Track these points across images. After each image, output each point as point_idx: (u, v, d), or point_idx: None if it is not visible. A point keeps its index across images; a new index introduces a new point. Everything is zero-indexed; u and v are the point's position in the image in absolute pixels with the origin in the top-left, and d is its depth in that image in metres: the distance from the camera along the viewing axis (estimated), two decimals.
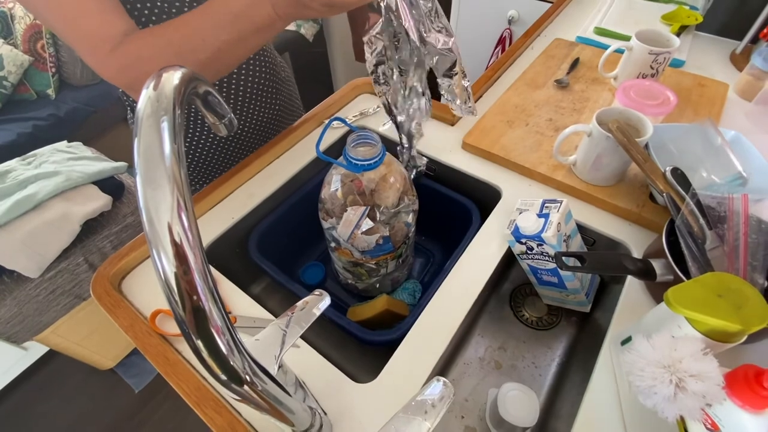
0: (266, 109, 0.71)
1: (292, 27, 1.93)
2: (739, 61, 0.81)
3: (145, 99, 0.19)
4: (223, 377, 0.20)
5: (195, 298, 0.18)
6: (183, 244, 0.17)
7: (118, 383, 1.31)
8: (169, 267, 0.17)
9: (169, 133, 0.19)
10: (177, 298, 0.17)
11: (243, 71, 0.64)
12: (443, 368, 0.55)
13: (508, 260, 0.57)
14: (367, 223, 0.49)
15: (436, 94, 0.49)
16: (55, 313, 1.05)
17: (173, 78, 0.20)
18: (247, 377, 0.21)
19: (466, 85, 0.47)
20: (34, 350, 1.27)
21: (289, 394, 0.27)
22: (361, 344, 0.57)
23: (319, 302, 0.34)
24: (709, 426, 0.30)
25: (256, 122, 0.70)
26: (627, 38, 0.69)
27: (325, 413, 0.38)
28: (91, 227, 1.04)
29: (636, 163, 0.47)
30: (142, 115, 0.19)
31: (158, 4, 0.52)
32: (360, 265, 0.55)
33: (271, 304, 0.65)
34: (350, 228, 0.49)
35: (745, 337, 0.30)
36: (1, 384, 1.26)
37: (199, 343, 0.18)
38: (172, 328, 0.46)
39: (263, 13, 0.39)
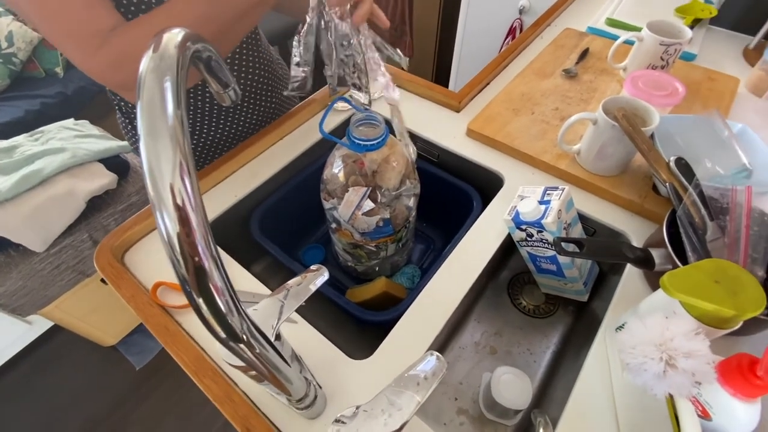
0: (262, 105, 0.69)
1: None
2: (752, 56, 0.79)
3: (147, 60, 0.20)
4: (222, 335, 0.20)
5: (196, 258, 0.18)
6: (186, 205, 0.18)
7: (119, 360, 1.33)
8: (172, 227, 0.17)
9: (172, 94, 0.19)
10: (179, 257, 0.18)
11: (237, 67, 0.62)
12: (439, 350, 0.55)
13: (508, 248, 0.57)
14: (368, 204, 0.49)
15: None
16: (60, 288, 1.07)
17: (175, 38, 0.20)
18: (245, 336, 0.21)
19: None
20: (39, 325, 1.30)
21: (287, 362, 0.28)
22: (359, 324, 0.57)
23: (318, 277, 0.35)
24: (699, 413, 0.30)
25: (252, 119, 0.69)
26: (639, 30, 0.67)
27: (320, 387, 0.39)
28: (96, 205, 1.05)
29: (640, 151, 0.47)
30: (144, 75, 0.19)
31: None
32: (360, 247, 0.56)
33: (272, 284, 0.65)
34: (351, 208, 0.49)
35: (739, 324, 0.30)
36: (6, 357, 1.29)
37: (200, 301, 0.19)
38: (172, 300, 0.47)
39: None
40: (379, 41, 0.51)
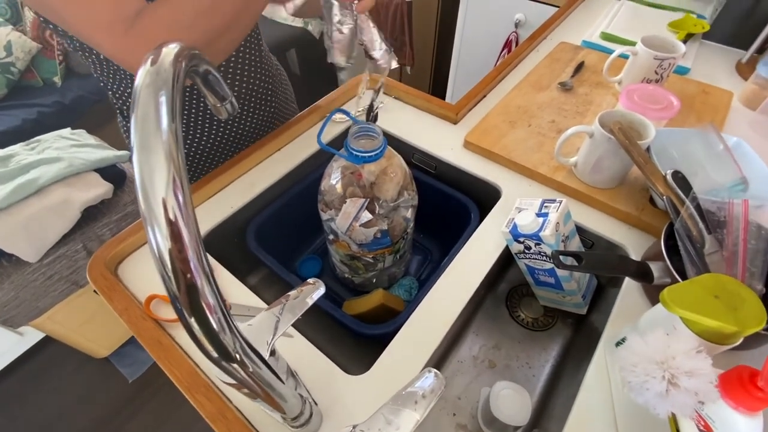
0: (261, 111, 0.70)
1: (299, 23, 1.93)
2: (745, 70, 0.80)
3: (143, 74, 0.19)
4: (214, 354, 0.19)
5: (188, 275, 0.18)
6: (178, 221, 0.17)
7: (112, 372, 1.31)
8: (164, 243, 0.17)
9: (167, 108, 0.18)
10: (171, 274, 0.17)
11: (239, 71, 0.63)
12: (437, 364, 0.55)
13: (506, 260, 0.57)
14: (366, 216, 0.49)
15: None
16: (52, 299, 1.06)
17: (171, 53, 0.20)
18: (238, 356, 0.20)
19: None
20: (30, 336, 1.28)
21: (281, 380, 0.27)
22: (355, 337, 0.57)
23: (314, 291, 0.34)
24: (701, 427, 0.30)
25: (250, 124, 0.69)
26: (633, 44, 0.68)
27: (316, 403, 0.38)
28: (91, 214, 1.04)
29: (637, 165, 0.47)
30: (139, 88, 0.19)
31: None
32: (357, 258, 0.55)
33: (268, 296, 0.64)
34: (349, 220, 0.49)
35: (740, 340, 0.30)
36: None
37: (191, 320, 0.18)
38: (166, 313, 0.46)
39: None
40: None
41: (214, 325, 0.19)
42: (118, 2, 0.40)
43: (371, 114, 0.60)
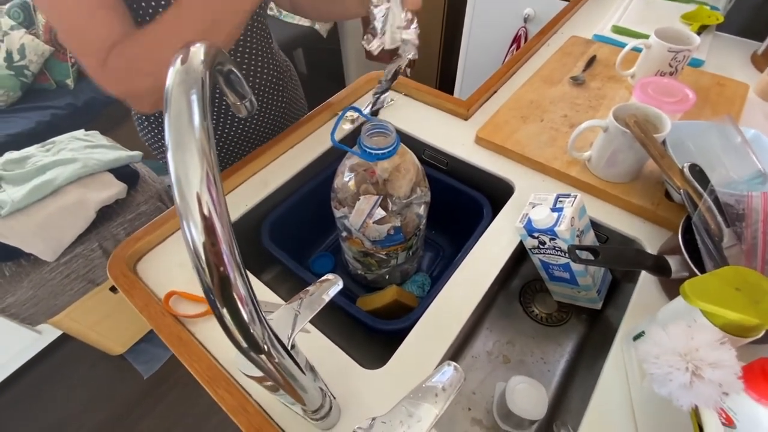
0: (272, 107, 0.71)
1: (306, 22, 1.93)
2: (760, 62, 0.79)
3: (173, 74, 0.20)
4: (244, 345, 0.20)
5: (222, 268, 0.18)
6: (212, 215, 0.18)
7: (127, 369, 1.33)
8: (198, 237, 0.18)
9: (198, 106, 0.19)
10: (204, 267, 0.18)
11: (252, 69, 0.64)
12: (451, 360, 0.55)
13: (519, 256, 0.57)
14: (379, 213, 0.49)
15: None
16: (69, 297, 1.08)
17: (200, 52, 0.20)
18: (266, 347, 0.21)
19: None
20: (48, 334, 1.30)
21: (303, 372, 0.28)
22: (370, 333, 0.57)
23: (332, 286, 0.35)
24: (723, 420, 0.30)
25: (262, 121, 0.70)
26: (646, 37, 0.68)
27: (334, 397, 0.39)
28: (106, 214, 1.06)
29: (653, 158, 0.47)
30: (171, 89, 0.19)
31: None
32: (370, 255, 0.56)
33: (282, 293, 0.65)
34: (362, 217, 0.49)
35: (762, 332, 0.30)
36: (15, 366, 1.30)
37: (224, 311, 0.19)
38: (185, 309, 0.47)
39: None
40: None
41: (245, 317, 0.19)
42: (96, 27, 0.42)
43: (378, 99, 0.60)
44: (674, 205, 0.52)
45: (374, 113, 0.64)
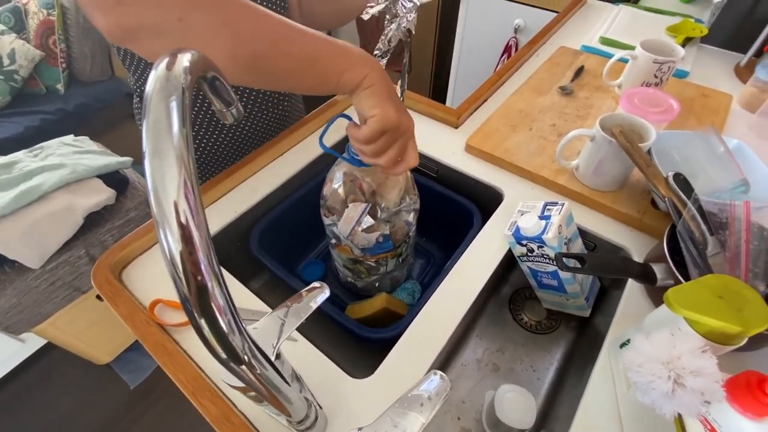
0: (270, 112, 0.71)
1: None
2: (744, 73, 0.81)
3: (154, 79, 0.20)
4: (223, 355, 0.20)
5: (199, 277, 0.18)
6: (189, 223, 0.17)
7: (113, 379, 1.30)
8: (175, 245, 0.17)
9: (177, 113, 0.19)
10: (182, 276, 0.18)
11: None
12: (441, 368, 0.54)
13: (509, 263, 0.57)
14: (368, 221, 0.49)
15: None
16: (55, 305, 1.06)
17: (184, 60, 0.20)
18: (246, 357, 0.21)
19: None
20: (32, 342, 1.27)
21: (287, 382, 0.27)
22: (359, 341, 0.57)
23: (319, 294, 0.34)
24: (707, 431, 0.30)
25: (259, 126, 0.70)
26: (632, 48, 0.69)
27: (321, 407, 0.38)
28: (93, 220, 1.04)
29: (638, 167, 0.48)
30: (151, 94, 0.19)
31: None
32: (360, 262, 0.56)
33: (271, 301, 0.65)
34: (351, 225, 0.49)
35: (745, 340, 0.30)
36: None
37: (202, 321, 0.19)
38: (170, 317, 0.46)
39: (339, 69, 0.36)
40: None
41: (224, 327, 0.19)
42: None
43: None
44: (660, 214, 0.53)
45: None
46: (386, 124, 0.37)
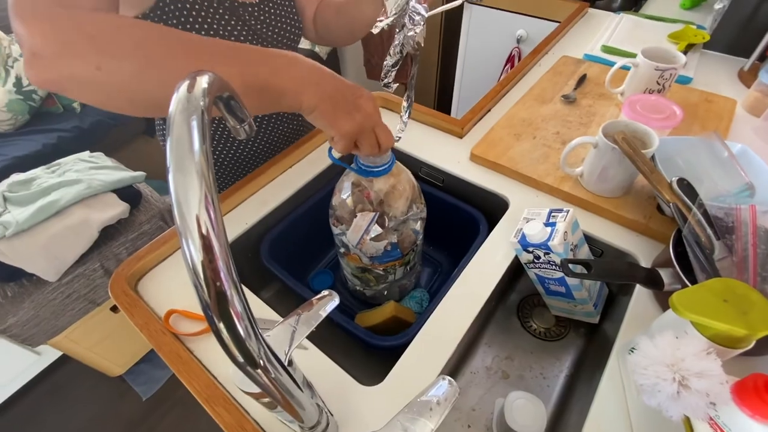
0: (284, 127, 0.73)
1: (306, 45, 1.99)
2: (747, 78, 0.81)
3: (176, 100, 0.21)
4: (240, 359, 0.21)
5: (218, 284, 0.19)
6: (210, 234, 0.19)
7: (126, 391, 1.32)
8: (197, 255, 0.19)
9: (198, 132, 0.20)
10: (202, 283, 0.19)
11: None
12: (450, 375, 0.54)
13: (516, 270, 0.57)
14: (376, 230, 0.50)
15: None
16: (70, 318, 1.08)
17: (203, 82, 0.22)
18: (261, 362, 0.22)
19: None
20: (47, 355, 1.30)
21: (300, 388, 0.28)
22: (368, 349, 0.57)
23: (328, 302, 0.35)
24: None
25: (272, 140, 0.72)
26: (634, 56, 0.70)
27: (332, 414, 0.39)
28: (108, 234, 1.07)
29: (642, 173, 0.48)
30: (173, 114, 0.21)
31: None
32: (368, 271, 0.56)
33: (281, 310, 0.66)
34: (359, 233, 0.50)
35: (752, 344, 0.30)
36: (14, 388, 1.28)
37: (221, 326, 0.20)
38: (184, 327, 0.48)
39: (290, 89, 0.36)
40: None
41: (241, 332, 0.20)
42: None
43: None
44: (666, 219, 0.53)
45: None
46: (347, 137, 0.39)
